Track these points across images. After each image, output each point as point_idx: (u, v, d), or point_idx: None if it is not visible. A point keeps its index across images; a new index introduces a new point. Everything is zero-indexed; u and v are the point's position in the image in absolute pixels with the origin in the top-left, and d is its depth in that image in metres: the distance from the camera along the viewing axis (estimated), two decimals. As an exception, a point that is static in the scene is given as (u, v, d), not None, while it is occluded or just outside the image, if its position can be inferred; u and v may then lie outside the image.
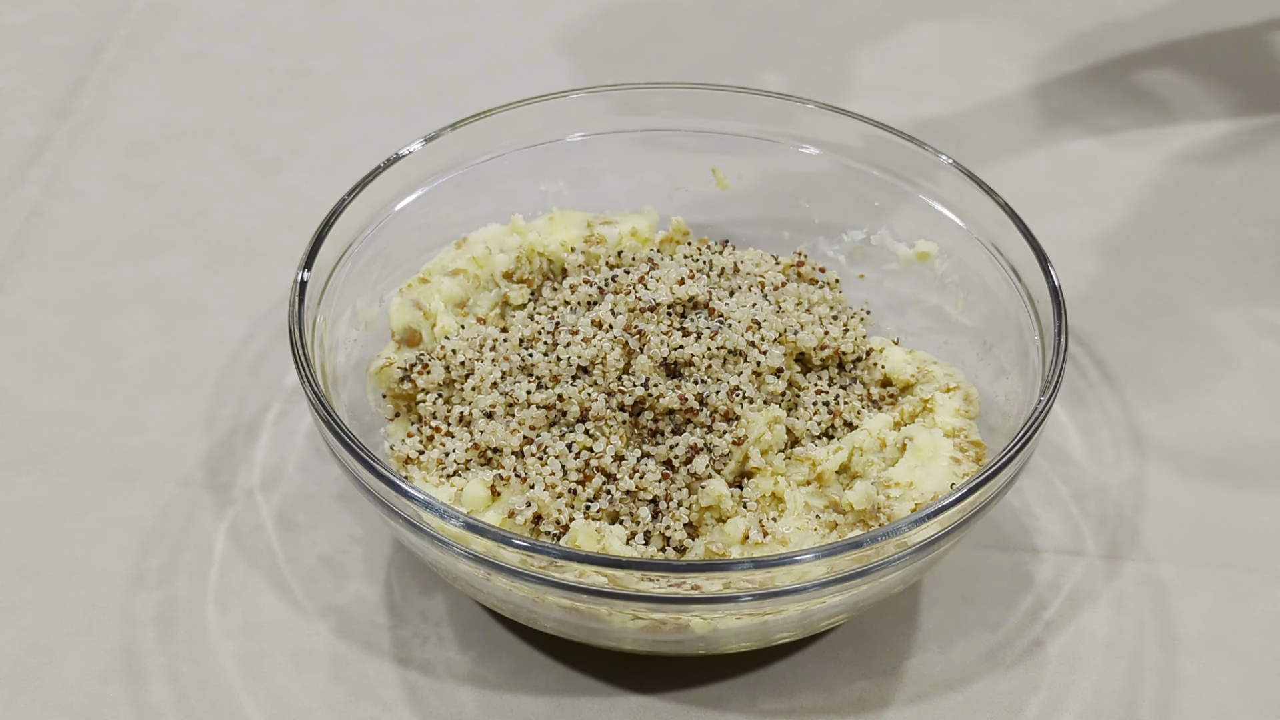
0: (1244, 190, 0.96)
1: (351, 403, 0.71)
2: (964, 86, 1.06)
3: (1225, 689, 0.66)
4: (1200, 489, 0.76)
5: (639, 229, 0.79)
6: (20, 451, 0.76)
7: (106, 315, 0.85)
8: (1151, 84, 1.06)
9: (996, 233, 0.72)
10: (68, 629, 0.68)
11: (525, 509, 0.64)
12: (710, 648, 0.63)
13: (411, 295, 0.74)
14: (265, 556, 0.71)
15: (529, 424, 0.67)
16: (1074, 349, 0.83)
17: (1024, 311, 0.70)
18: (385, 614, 0.69)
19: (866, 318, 0.76)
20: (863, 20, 1.13)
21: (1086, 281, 0.88)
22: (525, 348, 0.71)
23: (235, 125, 1.01)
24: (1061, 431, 0.78)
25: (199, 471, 0.75)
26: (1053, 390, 0.63)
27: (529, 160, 0.79)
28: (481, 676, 0.67)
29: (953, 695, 0.66)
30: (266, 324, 0.84)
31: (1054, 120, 1.02)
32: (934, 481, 0.65)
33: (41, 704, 0.65)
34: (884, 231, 0.79)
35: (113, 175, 0.95)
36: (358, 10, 1.13)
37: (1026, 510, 0.74)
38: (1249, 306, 0.87)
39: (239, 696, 0.65)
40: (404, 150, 0.75)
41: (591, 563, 0.57)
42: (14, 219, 0.91)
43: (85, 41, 1.08)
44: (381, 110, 1.03)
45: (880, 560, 0.58)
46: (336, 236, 0.71)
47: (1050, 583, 0.71)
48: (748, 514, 0.65)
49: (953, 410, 0.70)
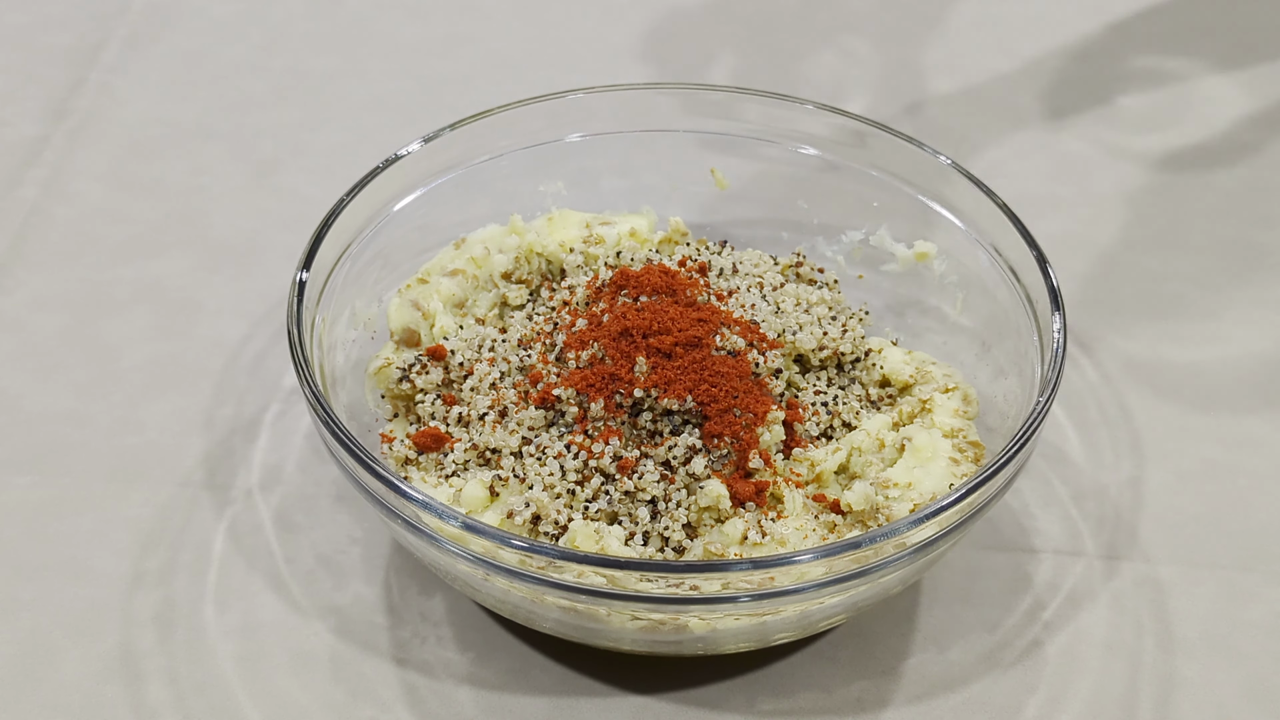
0: (1244, 190, 0.96)
1: (350, 403, 0.71)
2: (964, 86, 1.06)
3: (1224, 689, 0.66)
4: (1199, 489, 0.76)
5: (638, 229, 0.79)
6: (19, 452, 0.76)
7: (105, 315, 0.85)
8: (1151, 85, 1.06)
9: (995, 233, 0.72)
10: (66, 629, 0.68)
11: (524, 509, 0.64)
12: (709, 648, 0.63)
13: (410, 296, 0.74)
14: (264, 557, 0.71)
15: (528, 424, 0.67)
16: (1073, 349, 0.83)
17: (1023, 312, 0.70)
18: (384, 614, 0.69)
19: (865, 318, 0.76)
20: (863, 20, 1.13)
21: (1085, 282, 0.88)
22: (524, 348, 0.71)
23: (234, 125, 1.01)
24: (1060, 432, 0.78)
25: (198, 472, 0.75)
26: (1051, 391, 0.63)
27: (528, 160, 0.79)
28: (480, 677, 0.67)
29: (951, 696, 0.66)
30: (265, 324, 0.84)
31: (1053, 121, 1.02)
32: (932, 482, 0.65)
33: (40, 704, 0.65)
34: (883, 232, 0.79)
35: (111, 175, 0.95)
36: (357, 10, 1.13)
37: (1025, 511, 0.74)
38: (1248, 307, 0.87)
39: (238, 697, 0.65)
40: (402, 150, 0.75)
41: (590, 563, 0.57)
42: (13, 219, 0.91)
43: (84, 41, 1.08)
44: (380, 110, 1.03)
45: (879, 561, 0.58)
46: (335, 237, 0.71)
47: (1049, 583, 0.71)
48: (746, 515, 0.65)
49: (951, 411, 0.70)
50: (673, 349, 0.66)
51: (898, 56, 1.09)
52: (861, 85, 1.06)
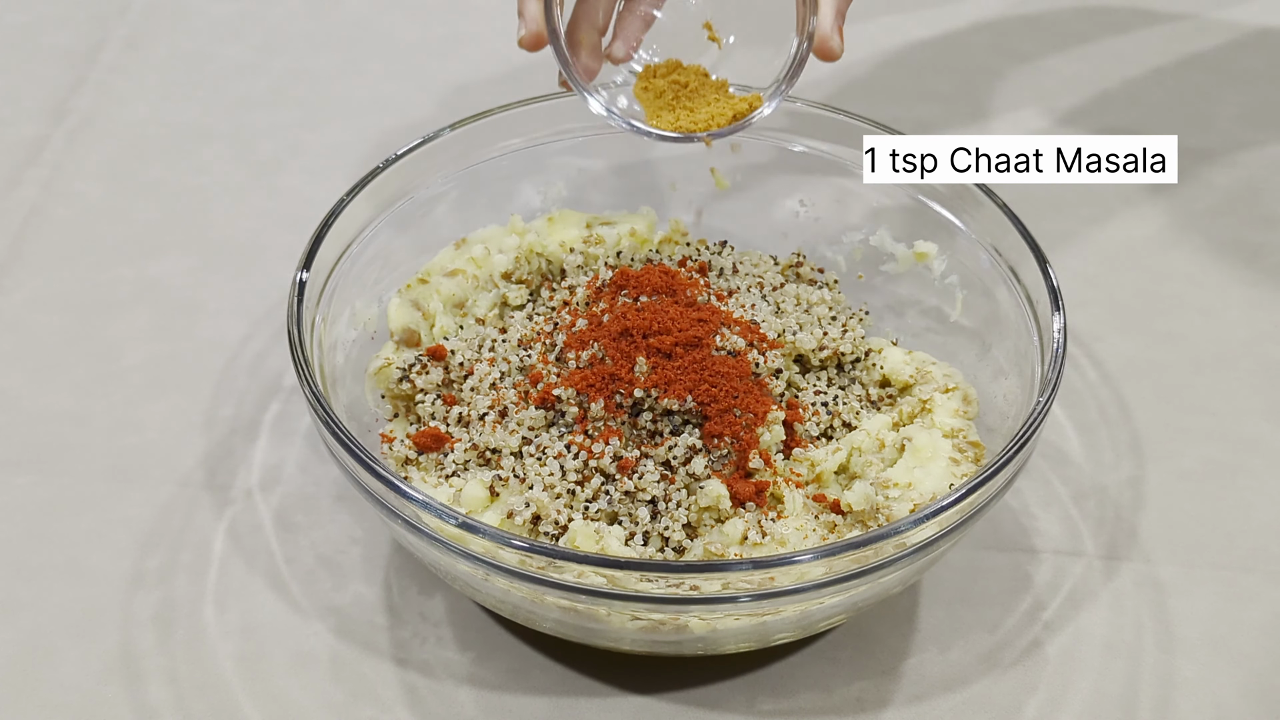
0: (1244, 190, 0.96)
1: (350, 403, 0.71)
2: (964, 86, 1.06)
3: (1224, 689, 0.66)
4: (1199, 489, 0.76)
5: (638, 229, 0.79)
6: (19, 452, 0.76)
7: (105, 316, 0.85)
8: (1151, 85, 1.06)
9: (995, 233, 0.72)
10: (66, 629, 0.68)
11: (524, 509, 0.64)
12: (709, 648, 0.63)
13: (410, 296, 0.74)
14: (264, 557, 0.71)
15: (528, 424, 0.67)
16: (1073, 349, 0.83)
17: (1023, 312, 0.70)
18: (384, 614, 0.69)
19: (865, 318, 0.76)
20: (863, 20, 1.13)
21: (1085, 282, 0.88)
22: (524, 348, 0.71)
23: (234, 125, 1.01)
24: (1060, 432, 0.78)
25: (198, 472, 0.75)
26: (1051, 391, 0.63)
27: (529, 160, 0.79)
28: (480, 677, 0.67)
29: (951, 696, 0.66)
30: (265, 324, 0.84)
31: (1053, 121, 1.02)
32: (932, 482, 0.65)
33: (40, 704, 0.65)
34: (883, 232, 0.79)
35: (111, 176, 0.95)
36: (357, 10, 1.13)
37: (1025, 511, 0.74)
38: (1248, 307, 0.87)
39: (237, 697, 0.65)
40: (403, 150, 0.75)
41: (590, 563, 0.57)
42: (13, 219, 0.91)
43: (84, 42, 1.08)
44: (380, 110, 1.03)
45: (879, 561, 0.58)
46: (335, 237, 0.71)
47: (1049, 583, 0.71)
48: (746, 515, 0.65)
49: (951, 411, 0.70)
50: (673, 349, 0.66)
51: (898, 56, 1.09)
52: (863, 85, 1.06)
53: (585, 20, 0.71)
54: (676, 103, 0.72)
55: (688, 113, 0.71)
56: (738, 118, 0.70)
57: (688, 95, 0.72)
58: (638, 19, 0.73)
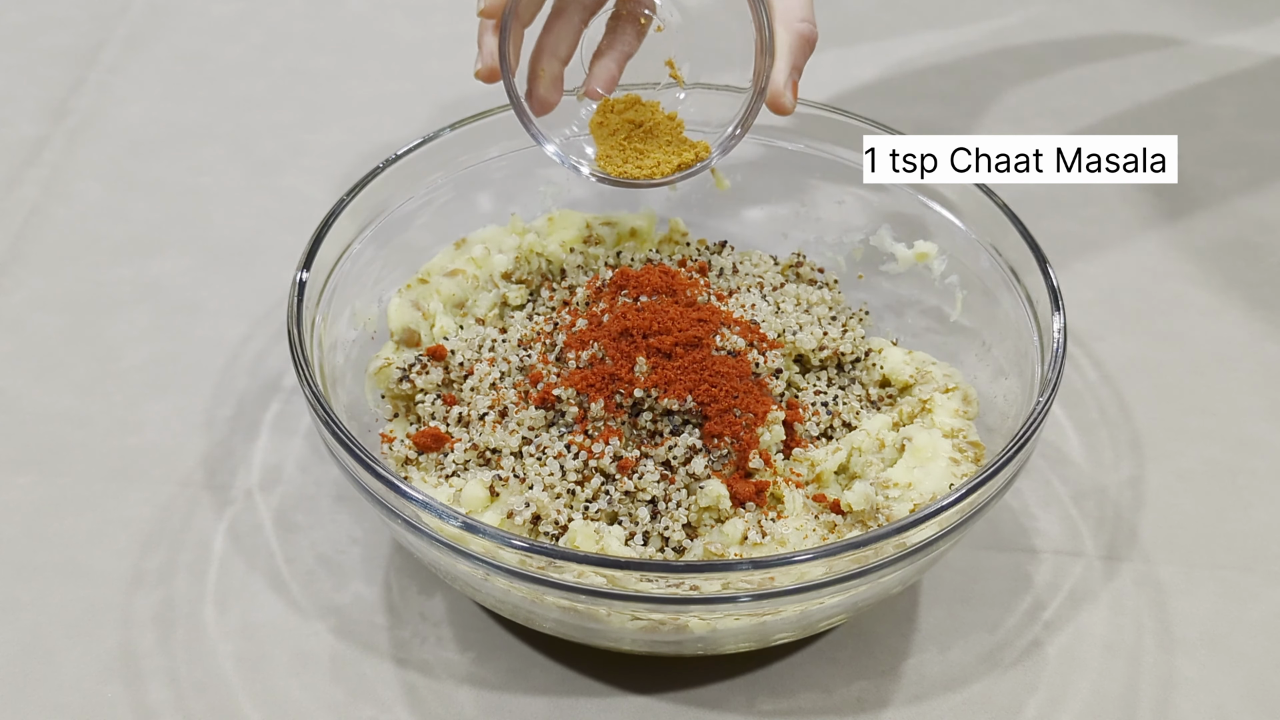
0: (1244, 192, 0.96)
1: (350, 403, 0.71)
2: (964, 86, 1.06)
3: (1224, 689, 0.66)
4: (1199, 489, 0.76)
5: (638, 229, 0.79)
6: (19, 452, 0.76)
7: (105, 315, 0.85)
8: (1151, 85, 1.06)
9: (996, 233, 0.72)
10: (66, 629, 0.68)
11: (524, 509, 0.64)
12: (709, 648, 0.63)
13: (410, 296, 0.74)
14: (264, 557, 0.71)
15: (528, 424, 0.67)
16: (1073, 349, 0.83)
17: (1023, 312, 0.70)
18: (384, 614, 0.69)
19: (865, 318, 0.76)
20: (863, 20, 1.13)
21: (1085, 282, 0.88)
22: (524, 348, 0.71)
23: (234, 125, 1.01)
24: (1060, 432, 0.78)
25: (197, 472, 0.75)
26: (1051, 391, 0.63)
27: (529, 160, 0.79)
28: (480, 677, 0.67)
29: (951, 696, 0.66)
30: (265, 324, 0.84)
31: (1053, 121, 1.02)
32: (932, 482, 0.65)
33: (40, 704, 0.65)
34: (883, 232, 0.79)
35: (111, 175, 0.95)
36: (357, 10, 1.13)
37: (1025, 511, 0.74)
38: (1248, 307, 0.87)
39: (238, 697, 0.65)
40: (403, 150, 0.75)
41: (590, 563, 0.57)
42: (13, 219, 0.91)
43: (84, 42, 1.08)
44: (381, 110, 1.03)
45: (879, 561, 0.58)
46: (335, 237, 0.71)
47: (1049, 583, 0.71)
48: (746, 515, 0.65)
49: (951, 411, 0.70)
50: (673, 349, 0.66)
51: (898, 56, 1.09)
52: (862, 85, 1.06)
53: (548, 51, 0.70)
54: (628, 144, 0.71)
55: (636, 155, 0.71)
56: (683, 167, 0.70)
57: (640, 136, 0.71)
58: (619, 54, 0.72)
